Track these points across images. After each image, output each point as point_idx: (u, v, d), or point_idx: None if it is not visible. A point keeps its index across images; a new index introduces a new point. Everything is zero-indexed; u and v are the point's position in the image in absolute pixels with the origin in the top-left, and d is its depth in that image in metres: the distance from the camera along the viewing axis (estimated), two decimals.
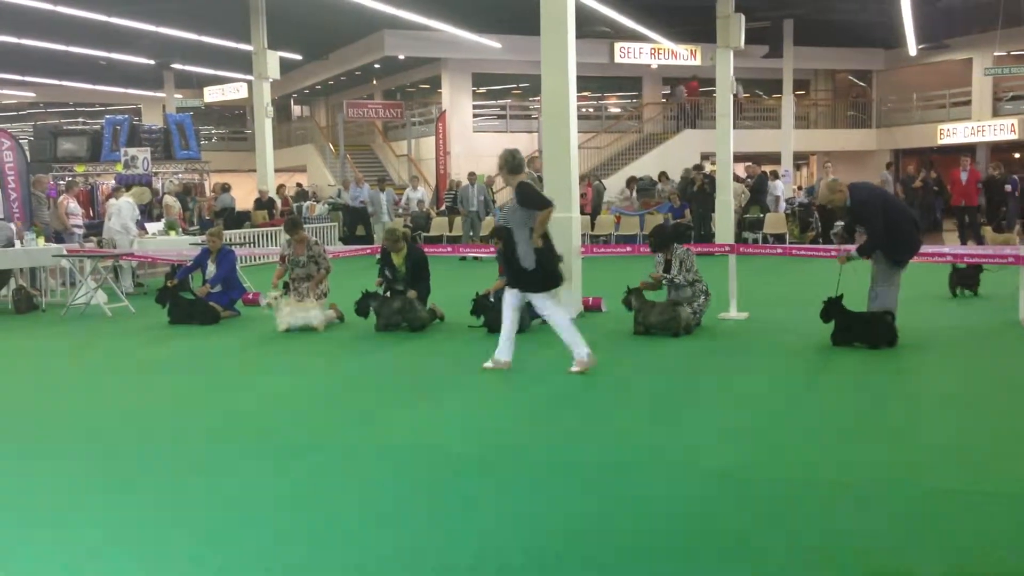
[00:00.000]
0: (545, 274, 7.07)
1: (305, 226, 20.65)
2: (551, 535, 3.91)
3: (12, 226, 12.83)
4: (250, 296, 11.94)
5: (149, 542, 3.94)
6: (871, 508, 4.15)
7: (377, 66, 29.16)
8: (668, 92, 29.36)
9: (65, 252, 12.62)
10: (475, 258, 17.09)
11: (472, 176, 19.97)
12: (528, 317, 9.25)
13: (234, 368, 8.01)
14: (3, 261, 11.99)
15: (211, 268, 11.06)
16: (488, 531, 3.97)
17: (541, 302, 7.27)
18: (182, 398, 6.84)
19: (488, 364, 7.38)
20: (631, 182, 22.49)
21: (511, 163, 7.22)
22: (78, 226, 15.29)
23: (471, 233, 19.19)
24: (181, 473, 4.95)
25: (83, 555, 3.81)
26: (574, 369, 7.17)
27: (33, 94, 33.08)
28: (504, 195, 25.17)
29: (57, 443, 5.65)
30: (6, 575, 3.63)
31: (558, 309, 7.31)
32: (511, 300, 7.33)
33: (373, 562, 3.67)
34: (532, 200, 7.02)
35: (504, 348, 7.37)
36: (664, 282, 9.32)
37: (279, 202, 22.20)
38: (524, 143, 27.27)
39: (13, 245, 12.14)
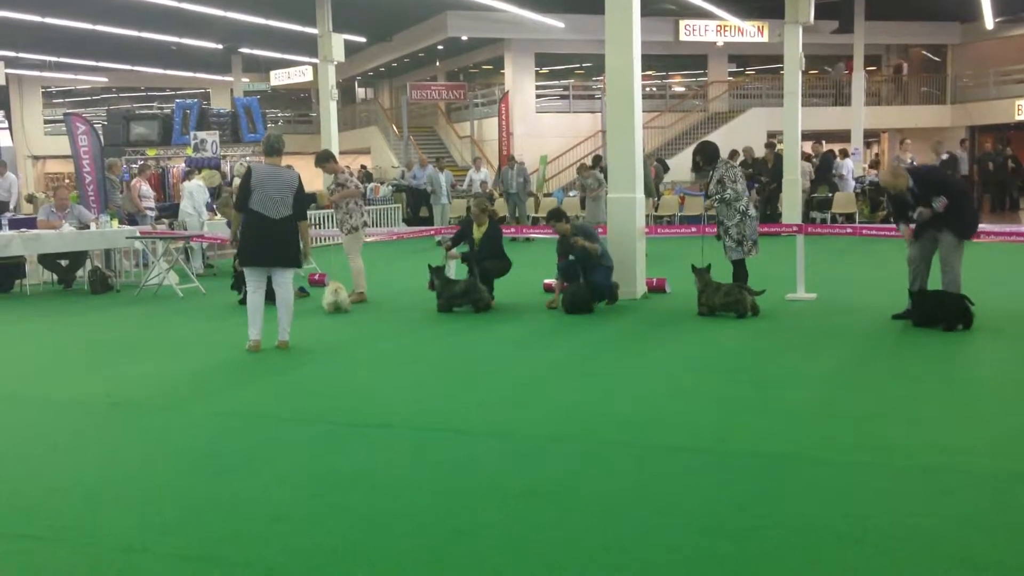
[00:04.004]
0: (240, 250, 7.81)
1: (370, 207, 20.78)
2: (618, 516, 3.92)
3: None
4: (315, 277, 12.11)
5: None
6: (950, 493, 4.06)
7: (440, 47, 29.22)
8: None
9: (138, 234, 12.94)
10: (526, 239, 17.09)
11: (511, 159, 20.02)
12: (588, 299, 9.22)
13: (304, 348, 8.11)
14: (80, 243, 12.36)
15: None
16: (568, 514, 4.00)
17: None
18: (252, 375, 7.00)
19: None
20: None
21: (265, 145, 8.09)
22: (150, 208, 15.67)
23: (515, 214, 19.24)
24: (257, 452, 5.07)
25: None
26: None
27: (106, 79, 33.89)
28: (563, 177, 25.08)
29: (124, 421, 5.82)
30: None
31: (251, 288, 7.85)
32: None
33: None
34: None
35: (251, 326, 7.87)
36: (707, 204, 9.31)
37: None
38: (587, 123, 27.13)
39: (89, 227, 12.49)
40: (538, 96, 28.24)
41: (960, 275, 7.94)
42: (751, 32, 26.83)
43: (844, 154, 21.42)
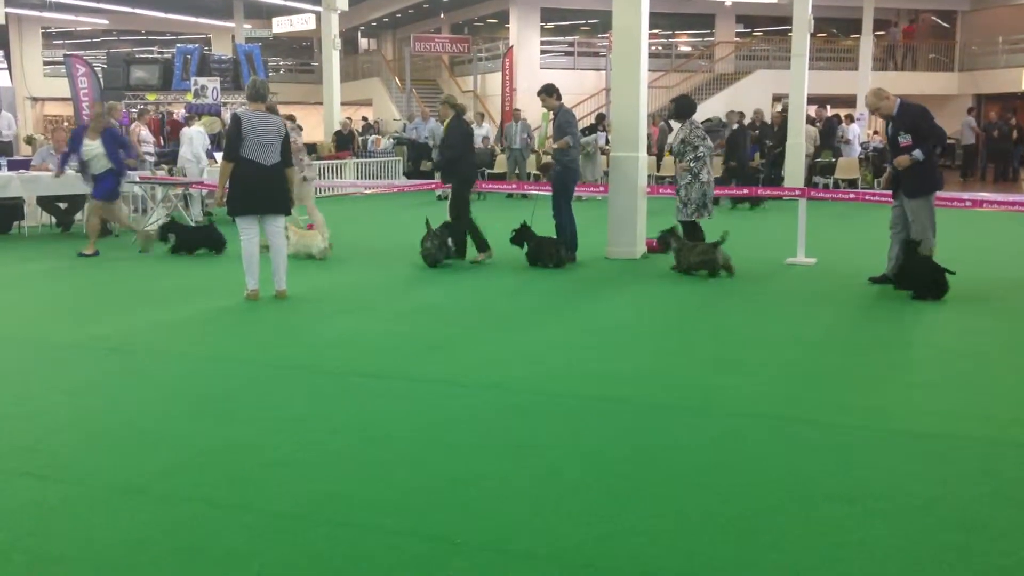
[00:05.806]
0: (231, 199, 7.72)
1: (371, 160, 20.65)
2: (601, 467, 3.95)
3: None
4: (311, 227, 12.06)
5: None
6: (943, 457, 4.10)
7: None
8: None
9: (137, 179, 12.87)
10: (523, 195, 17.00)
11: (517, 113, 19.86)
12: (555, 255, 9.26)
13: (301, 298, 8.10)
14: (78, 186, 12.27)
15: None
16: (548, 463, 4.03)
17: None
18: (242, 323, 7.01)
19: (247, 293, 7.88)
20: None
21: (250, 91, 7.87)
22: (150, 154, 15.57)
23: (516, 171, 19.13)
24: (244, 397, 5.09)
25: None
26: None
27: (107, 21, 33.46)
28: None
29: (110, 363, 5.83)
30: None
31: (246, 236, 7.76)
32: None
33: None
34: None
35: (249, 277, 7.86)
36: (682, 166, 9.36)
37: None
38: (592, 81, 26.87)
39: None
40: (543, 52, 27.95)
41: (928, 228, 7.92)
42: None
43: (850, 119, 21.27)
